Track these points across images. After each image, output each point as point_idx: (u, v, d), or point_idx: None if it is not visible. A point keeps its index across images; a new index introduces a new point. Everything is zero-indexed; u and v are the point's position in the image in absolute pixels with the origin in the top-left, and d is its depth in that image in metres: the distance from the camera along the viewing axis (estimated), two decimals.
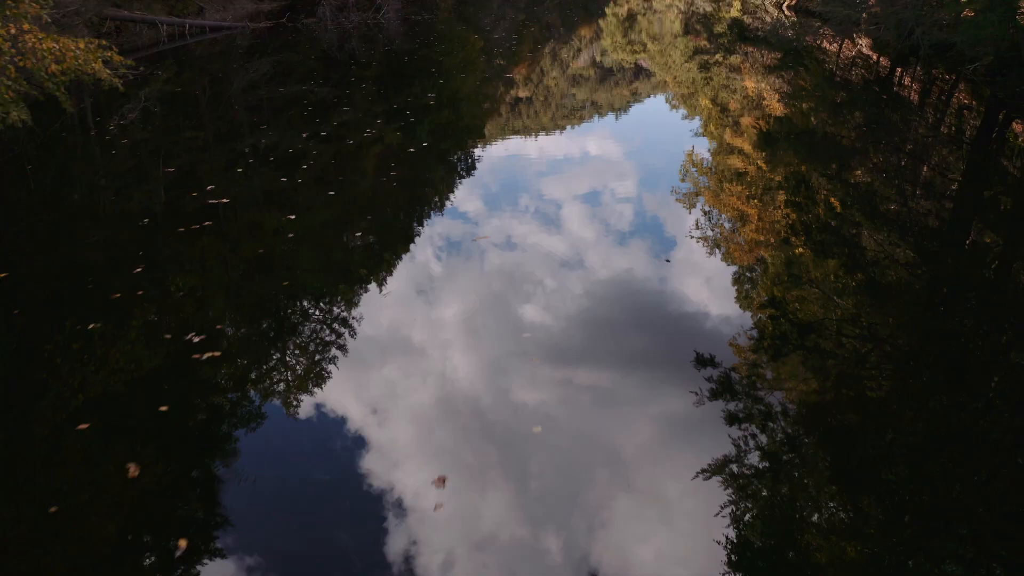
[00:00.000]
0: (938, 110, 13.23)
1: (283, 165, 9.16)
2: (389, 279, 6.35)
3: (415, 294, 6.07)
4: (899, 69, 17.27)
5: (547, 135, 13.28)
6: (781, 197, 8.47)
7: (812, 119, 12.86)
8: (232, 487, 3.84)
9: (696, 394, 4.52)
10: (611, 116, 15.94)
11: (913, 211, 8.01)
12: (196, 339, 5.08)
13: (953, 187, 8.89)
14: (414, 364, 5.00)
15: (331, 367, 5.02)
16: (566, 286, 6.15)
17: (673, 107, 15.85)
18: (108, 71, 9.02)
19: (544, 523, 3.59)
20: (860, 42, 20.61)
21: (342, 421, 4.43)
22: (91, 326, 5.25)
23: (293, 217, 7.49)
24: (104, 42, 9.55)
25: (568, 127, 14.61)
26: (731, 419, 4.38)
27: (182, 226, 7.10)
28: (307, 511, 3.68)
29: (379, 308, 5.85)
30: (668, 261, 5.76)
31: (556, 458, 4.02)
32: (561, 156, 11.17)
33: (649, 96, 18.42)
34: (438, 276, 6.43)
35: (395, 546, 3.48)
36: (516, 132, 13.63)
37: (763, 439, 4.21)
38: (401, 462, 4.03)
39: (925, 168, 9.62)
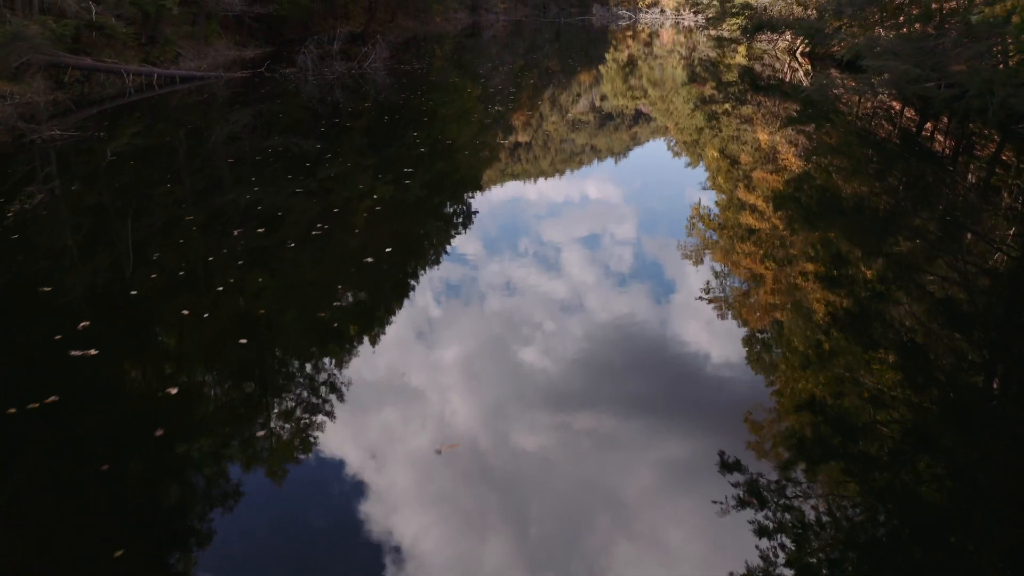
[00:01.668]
0: (984, 171, 12.05)
1: (267, 223, 8.85)
2: (382, 334, 6.50)
3: (413, 340, 6.41)
4: (929, 123, 16.19)
5: (547, 180, 13.76)
6: (806, 265, 8.17)
7: (835, 176, 12.76)
8: (228, 531, 4.00)
9: (721, 503, 4.34)
10: (611, 160, 16.32)
11: (969, 293, 7.38)
12: None
13: (1012, 266, 8.16)
14: (412, 409, 5.26)
15: (324, 425, 5.08)
16: (566, 332, 6.46)
17: (676, 154, 16.15)
18: None
19: (544, 569, 3.75)
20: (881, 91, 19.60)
21: (339, 467, 4.61)
22: None
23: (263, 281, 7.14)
24: None
25: (568, 171, 15.08)
26: (749, 492, 4.28)
27: (13, 404, 4.91)
28: (304, 555, 3.84)
29: (375, 355, 6.11)
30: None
31: (556, 503, 4.25)
32: (561, 201, 11.80)
33: (649, 141, 18.86)
34: (435, 325, 6.71)
35: None
36: (515, 176, 13.96)
37: (776, 502, 4.11)
38: (399, 507, 4.24)
39: (969, 236, 9.09)
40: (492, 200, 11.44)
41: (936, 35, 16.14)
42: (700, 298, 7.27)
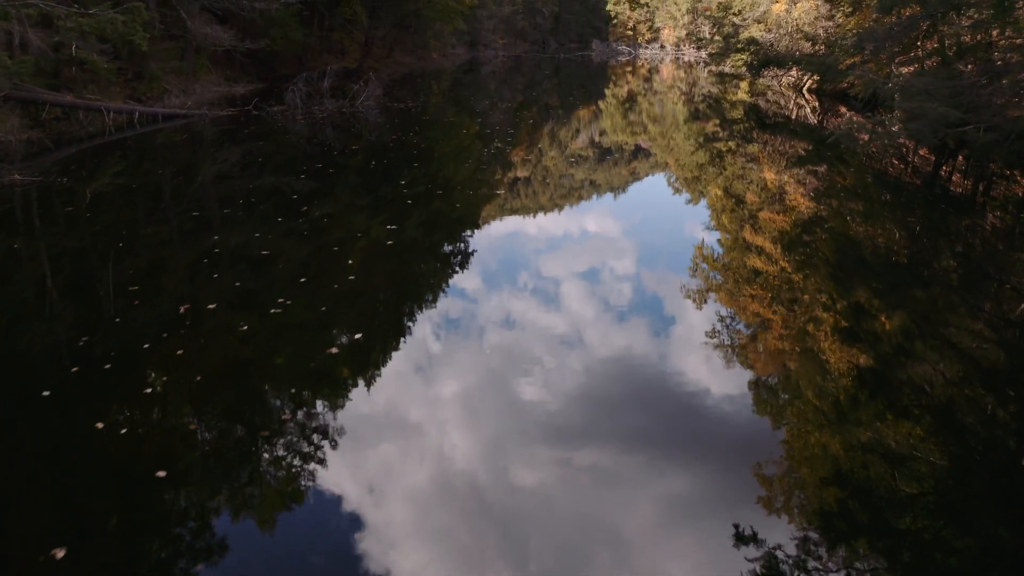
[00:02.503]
0: (1010, 214, 11.70)
1: (251, 267, 8.72)
2: (379, 373, 6.53)
3: (412, 376, 6.48)
4: (945, 166, 15.95)
5: (546, 215, 13.92)
6: (818, 312, 7.91)
7: (848, 218, 12.56)
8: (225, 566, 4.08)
9: (725, 549, 4.29)
10: (610, 196, 16.52)
11: (997, 345, 7.05)
12: None
13: None
14: (413, 442, 5.37)
15: (324, 462, 5.15)
16: (566, 369, 6.58)
17: (676, 191, 16.28)
18: None
19: None
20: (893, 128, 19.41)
21: (338, 504, 4.70)
22: None
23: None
24: None
25: (567, 206, 15.28)
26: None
27: None
28: None
29: (373, 392, 6.17)
30: None
31: (555, 539, 4.35)
32: (560, 235, 12.08)
33: (648, 176, 19.12)
34: (435, 361, 6.79)
35: None
36: (514, 211, 14.02)
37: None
38: (398, 543, 4.33)
39: (995, 284, 8.73)
40: (491, 235, 11.57)
41: (965, 73, 15.79)
42: (704, 341, 7.22)
